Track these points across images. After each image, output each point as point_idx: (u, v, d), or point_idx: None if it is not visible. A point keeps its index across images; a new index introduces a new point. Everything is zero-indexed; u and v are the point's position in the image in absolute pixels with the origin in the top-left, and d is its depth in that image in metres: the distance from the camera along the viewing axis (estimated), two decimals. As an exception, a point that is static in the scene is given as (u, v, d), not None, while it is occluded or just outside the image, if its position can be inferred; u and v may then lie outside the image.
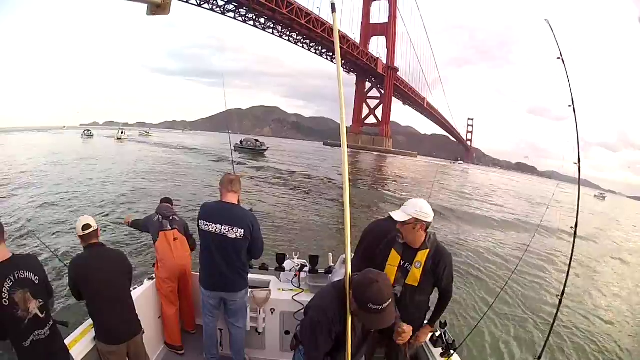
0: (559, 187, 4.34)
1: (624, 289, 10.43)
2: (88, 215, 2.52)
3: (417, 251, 2.28)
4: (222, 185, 2.82)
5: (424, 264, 2.25)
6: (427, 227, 2.27)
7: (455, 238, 12.77)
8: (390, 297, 1.61)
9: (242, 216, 2.78)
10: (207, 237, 2.74)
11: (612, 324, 7.52)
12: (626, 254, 15.78)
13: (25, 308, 1.73)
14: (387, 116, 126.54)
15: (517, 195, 40.47)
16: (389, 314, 1.63)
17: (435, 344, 2.59)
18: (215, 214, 2.76)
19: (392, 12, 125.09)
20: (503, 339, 5.95)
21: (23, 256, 1.90)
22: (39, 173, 18.29)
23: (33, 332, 1.77)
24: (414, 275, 2.26)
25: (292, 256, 3.66)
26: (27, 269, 1.80)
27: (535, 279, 9.18)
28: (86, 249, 2.41)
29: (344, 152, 1.88)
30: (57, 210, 11.04)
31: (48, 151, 31.32)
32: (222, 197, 2.83)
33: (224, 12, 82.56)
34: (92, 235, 2.41)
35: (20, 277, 1.75)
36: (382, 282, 1.62)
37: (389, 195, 21.96)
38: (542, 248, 12.04)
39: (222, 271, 2.78)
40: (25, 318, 1.73)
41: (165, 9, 2.56)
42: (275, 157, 42.97)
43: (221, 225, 2.72)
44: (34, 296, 1.78)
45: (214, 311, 2.97)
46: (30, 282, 1.79)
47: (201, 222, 2.75)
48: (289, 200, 16.62)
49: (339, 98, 1.88)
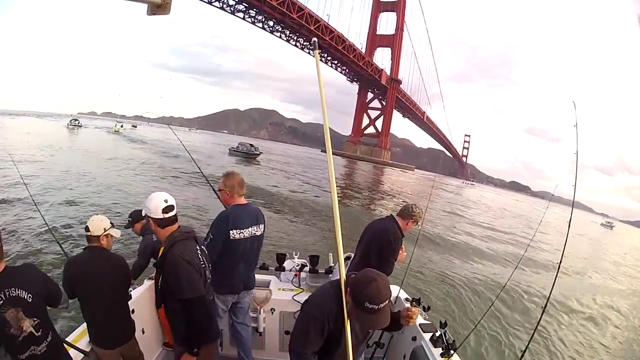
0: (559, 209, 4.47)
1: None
2: (98, 216, 2.41)
3: None
4: (234, 189, 2.78)
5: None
6: None
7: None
8: (387, 299, 1.58)
9: (259, 211, 2.86)
10: (238, 244, 2.73)
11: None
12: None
13: (18, 327, 1.68)
14: (387, 128, 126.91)
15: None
16: (384, 315, 1.59)
17: (435, 344, 2.60)
18: (245, 219, 2.76)
19: (400, 24, 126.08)
20: (503, 338, 6.01)
21: (18, 269, 1.82)
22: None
23: (29, 348, 1.72)
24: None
25: (292, 256, 3.67)
26: (21, 287, 1.71)
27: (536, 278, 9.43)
28: (87, 249, 2.33)
29: (329, 156, 1.86)
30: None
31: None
32: (237, 200, 2.80)
33: (234, 12, 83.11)
34: (90, 239, 2.33)
35: (11, 296, 1.67)
36: (381, 282, 1.58)
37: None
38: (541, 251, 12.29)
39: (241, 272, 2.81)
40: (18, 336, 1.68)
41: (166, 9, 2.54)
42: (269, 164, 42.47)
43: (251, 227, 2.76)
44: (27, 315, 1.71)
45: (222, 314, 2.93)
46: (23, 301, 1.70)
47: (233, 232, 2.70)
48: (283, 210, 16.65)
49: (322, 115, 1.91)
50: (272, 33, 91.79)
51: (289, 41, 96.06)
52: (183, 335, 2.18)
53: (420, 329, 2.76)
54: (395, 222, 2.99)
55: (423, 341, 2.68)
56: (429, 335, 2.67)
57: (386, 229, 2.92)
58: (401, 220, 3.00)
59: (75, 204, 10.64)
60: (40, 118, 74.09)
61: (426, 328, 2.78)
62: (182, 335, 2.19)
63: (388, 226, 2.94)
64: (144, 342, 2.96)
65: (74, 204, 10.64)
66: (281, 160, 45.94)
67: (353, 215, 15.97)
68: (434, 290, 7.56)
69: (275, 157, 55.07)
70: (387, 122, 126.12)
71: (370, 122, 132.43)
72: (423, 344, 2.66)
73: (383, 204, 25.15)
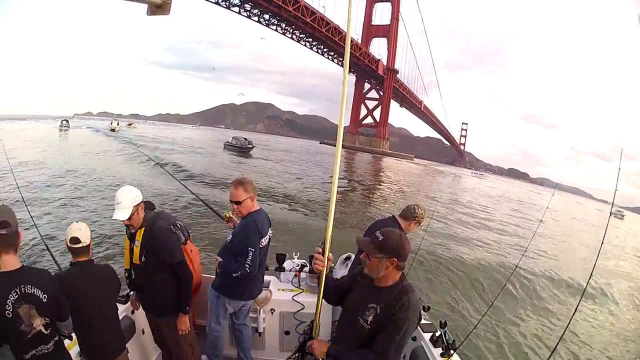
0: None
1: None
2: (82, 223, 2.19)
3: (136, 232, 2.50)
4: (254, 192, 2.76)
5: (140, 242, 2.47)
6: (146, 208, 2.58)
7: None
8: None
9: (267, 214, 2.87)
10: (261, 252, 2.73)
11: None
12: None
13: (29, 323, 1.68)
14: (385, 118, 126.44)
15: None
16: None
17: (435, 344, 2.61)
18: (264, 225, 2.75)
19: (395, 13, 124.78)
20: (503, 338, 6.02)
21: (34, 270, 1.81)
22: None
23: (36, 348, 1.71)
24: (135, 254, 2.49)
25: (292, 256, 3.66)
26: (37, 285, 1.71)
27: (536, 279, 9.37)
28: (76, 265, 2.17)
29: (338, 151, 1.94)
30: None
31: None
32: (255, 206, 2.77)
33: (229, 7, 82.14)
34: (81, 251, 2.14)
35: (26, 292, 1.67)
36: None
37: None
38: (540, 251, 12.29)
39: (254, 278, 2.81)
40: (28, 333, 1.68)
41: (166, 9, 2.54)
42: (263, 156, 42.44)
43: (269, 232, 2.77)
44: (40, 314, 1.71)
45: (226, 316, 2.96)
46: (38, 299, 1.71)
47: (261, 240, 2.69)
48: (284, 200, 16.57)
49: (341, 101, 1.98)
50: (268, 26, 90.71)
51: (284, 34, 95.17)
52: (173, 303, 2.58)
53: (420, 329, 2.77)
54: (397, 223, 2.97)
55: (423, 341, 2.69)
56: (429, 335, 2.69)
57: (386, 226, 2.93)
58: (403, 221, 2.99)
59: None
60: (37, 121, 73.32)
61: (426, 328, 2.78)
62: (172, 303, 2.58)
63: (386, 224, 2.88)
64: (144, 343, 3.00)
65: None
66: (277, 157, 45.38)
67: (356, 211, 16.06)
68: (434, 290, 7.54)
69: (270, 152, 53.92)
70: (385, 112, 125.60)
71: (368, 112, 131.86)
72: (423, 343, 2.67)
73: (386, 196, 25.06)
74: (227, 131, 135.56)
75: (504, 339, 6.03)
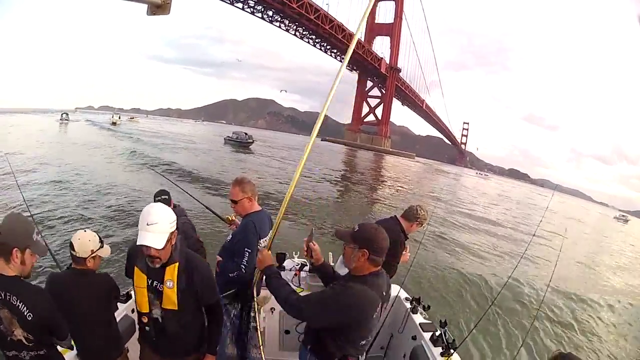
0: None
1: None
2: (87, 234, 2.07)
3: (164, 267, 1.85)
4: (253, 193, 2.66)
5: (176, 282, 1.86)
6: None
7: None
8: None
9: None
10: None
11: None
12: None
13: (9, 329, 1.60)
14: (387, 116, 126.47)
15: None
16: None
17: (435, 343, 2.61)
18: (265, 226, 2.67)
19: (399, 12, 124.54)
20: (503, 338, 6.03)
21: (28, 286, 1.68)
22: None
23: (19, 352, 1.66)
24: (169, 298, 1.87)
25: (292, 255, 3.64)
26: (24, 302, 1.60)
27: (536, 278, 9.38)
28: (69, 270, 2.11)
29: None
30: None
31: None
32: (255, 207, 2.70)
33: (233, 2, 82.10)
34: (76, 259, 2.06)
35: (10, 302, 1.58)
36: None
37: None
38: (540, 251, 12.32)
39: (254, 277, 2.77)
40: (7, 336, 1.61)
41: (166, 9, 2.52)
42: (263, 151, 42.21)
43: (269, 233, 2.65)
44: (22, 327, 1.61)
45: (227, 318, 2.89)
46: (21, 315, 1.60)
47: (260, 242, 2.62)
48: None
49: (333, 94, 2.13)
50: (272, 23, 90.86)
51: (288, 30, 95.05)
52: (197, 344, 2.11)
53: (420, 328, 2.79)
54: (399, 224, 2.97)
55: (423, 340, 2.70)
56: (429, 335, 2.70)
57: (388, 231, 2.93)
58: (405, 222, 2.98)
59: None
60: (36, 114, 73.35)
61: (426, 327, 2.80)
62: (194, 345, 2.10)
63: (390, 228, 2.79)
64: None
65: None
66: (276, 154, 45.37)
67: (357, 211, 16.05)
68: (434, 290, 7.53)
69: (272, 148, 53.45)
70: (387, 111, 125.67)
71: (370, 110, 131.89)
72: (423, 343, 2.68)
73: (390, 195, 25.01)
74: (229, 127, 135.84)
75: (504, 338, 6.04)
